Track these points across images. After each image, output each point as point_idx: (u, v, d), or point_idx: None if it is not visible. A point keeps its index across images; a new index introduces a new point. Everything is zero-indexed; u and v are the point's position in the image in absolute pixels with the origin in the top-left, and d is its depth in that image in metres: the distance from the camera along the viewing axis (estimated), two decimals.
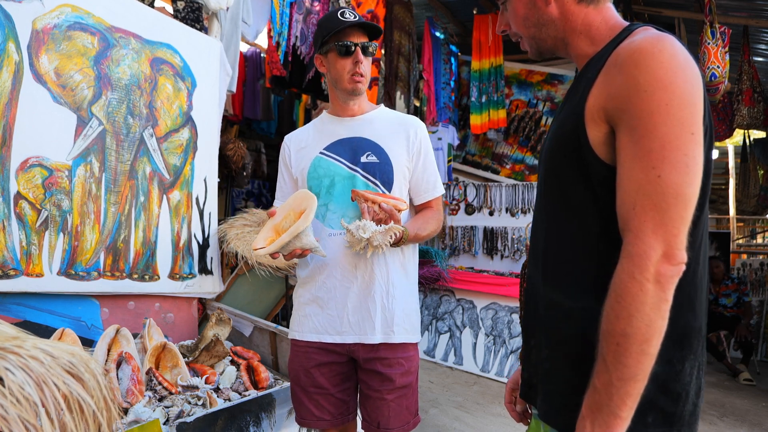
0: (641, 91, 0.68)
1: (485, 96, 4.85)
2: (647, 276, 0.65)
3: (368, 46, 1.35)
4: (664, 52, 0.68)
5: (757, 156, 5.95)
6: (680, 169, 0.66)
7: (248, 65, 4.57)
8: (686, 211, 0.66)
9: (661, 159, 0.66)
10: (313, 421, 1.37)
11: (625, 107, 0.69)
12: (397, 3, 4.19)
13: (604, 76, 0.73)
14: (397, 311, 1.33)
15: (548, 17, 0.84)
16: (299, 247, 1.23)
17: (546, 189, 0.86)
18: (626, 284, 0.66)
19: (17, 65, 1.63)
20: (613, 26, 0.81)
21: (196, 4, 2.43)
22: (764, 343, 5.06)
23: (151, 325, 1.84)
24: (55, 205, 1.72)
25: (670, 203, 0.66)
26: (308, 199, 1.26)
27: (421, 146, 1.42)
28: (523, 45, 0.93)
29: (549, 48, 0.89)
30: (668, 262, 0.65)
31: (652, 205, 0.66)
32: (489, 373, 3.86)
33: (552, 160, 0.83)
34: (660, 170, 0.66)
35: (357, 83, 1.36)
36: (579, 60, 0.86)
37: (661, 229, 0.65)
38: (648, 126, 0.67)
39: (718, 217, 10.31)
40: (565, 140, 0.79)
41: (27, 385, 0.61)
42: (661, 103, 0.66)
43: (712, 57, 3.53)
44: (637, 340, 0.65)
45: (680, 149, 0.66)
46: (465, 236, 4.78)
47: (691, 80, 0.68)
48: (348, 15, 1.33)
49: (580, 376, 0.75)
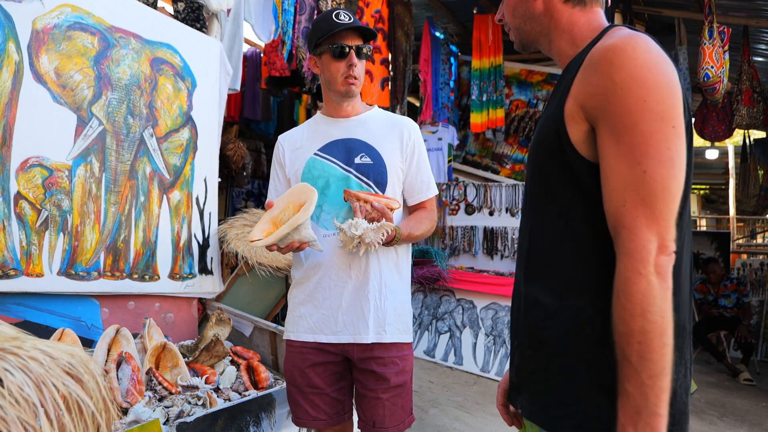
0: (618, 88, 0.68)
1: (485, 95, 4.85)
2: (650, 270, 0.66)
3: (362, 48, 1.34)
4: (638, 49, 0.69)
5: (757, 156, 5.94)
6: (665, 162, 0.67)
7: (248, 65, 4.57)
8: (674, 203, 0.68)
9: (645, 154, 0.67)
10: (309, 420, 1.38)
11: (603, 105, 0.70)
12: (398, 2, 4.19)
13: (581, 76, 0.74)
14: (389, 311, 1.34)
15: (533, 11, 0.87)
16: (297, 239, 1.22)
17: (532, 189, 0.87)
18: (633, 281, 0.66)
19: (17, 65, 1.63)
20: (595, 28, 0.83)
21: (196, 3, 2.43)
22: (764, 343, 5.06)
23: (151, 325, 1.84)
24: (55, 205, 1.72)
25: (659, 197, 0.67)
26: (308, 191, 1.25)
27: (415, 147, 1.42)
28: (511, 35, 0.96)
29: (532, 41, 0.91)
30: (664, 254, 0.66)
31: (642, 201, 0.67)
32: (489, 373, 3.86)
33: (536, 160, 0.84)
34: (645, 165, 0.67)
35: (351, 85, 1.36)
36: (561, 60, 0.87)
37: (654, 223, 0.67)
38: (627, 123, 0.68)
39: (718, 217, 10.31)
40: (547, 141, 0.79)
41: (26, 386, 0.61)
42: (638, 100, 0.67)
43: (707, 57, 3.53)
44: (657, 334, 0.65)
45: (662, 143, 0.67)
46: (465, 236, 4.78)
47: (667, 75, 0.69)
48: (342, 16, 1.32)
49: (564, 374, 0.76)
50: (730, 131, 4.89)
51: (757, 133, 5.93)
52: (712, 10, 3.58)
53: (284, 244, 1.23)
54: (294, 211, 1.26)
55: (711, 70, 3.51)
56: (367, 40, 1.38)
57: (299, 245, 1.25)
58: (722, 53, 3.54)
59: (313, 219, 1.38)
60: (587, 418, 0.74)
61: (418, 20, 4.94)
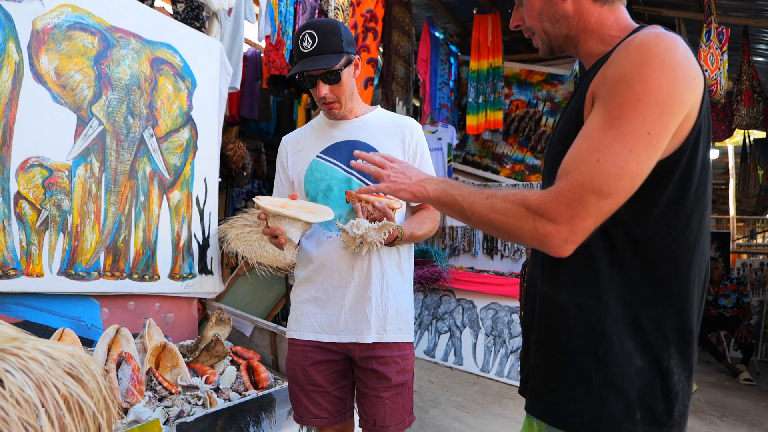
0: (624, 79, 0.69)
1: (482, 97, 4.84)
2: (533, 226, 0.72)
3: (330, 74, 1.31)
4: (660, 47, 0.69)
5: (757, 156, 5.95)
6: (618, 164, 0.67)
7: (248, 65, 4.57)
8: (605, 206, 0.69)
9: (607, 147, 0.68)
10: (311, 418, 1.38)
11: (608, 89, 0.71)
12: (397, 3, 4.19)
13: (601, 70, 0.75)
14: (390, 311, 1.35)
15: (563, 13, 0.85)
16: (284, 230, 1.22)
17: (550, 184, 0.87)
18: (518, 213, 0.74)
19: (17, 65, 1.63)
20: (625, 27, 0.82)
21: (196, 3, 2.43)
22: (764, 343, 5.07)
23: (151, 325, 1.84)
24: (55, 205, 1.72)
25: (593, 192, 0.68)
26: (326, 211, 1.28)
27: (417, 148, 1.42)
28: (535, 41, 0.94)
29: (560, 45, 0.90)
30: (561, 240, 0.70)
31: (579, 185, 0.69)
32: (489, 373, 3.86)
33: (555, 157, 0.84)
34: (600, 156, 0.68)
35: (330, 110, 1.38)
36: (588, 59, 0.86)
37: (574, 210, 0.69)
38: (614, 113, 0.69)
39: (718, 217, 10.31)
40: (567, 137, 0.79)
41: (27, 387, 0.61)
42: (634, 97, 0.68)
43: (701, 60, 3.54)
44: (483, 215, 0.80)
45: (627, 144, 0.67)
46: (465, 236, 4.79)
47: (680, 80, 0.68)
48: (306, 43, 1.29)
49: (574, 371, 0.76)
50: (730, 131, 4.90)
51: (757, 133, 5.93)
52: (712, 10, 3.58)
53: (273, 224, 1.23)
54: (306, 212, 1.28)
55: (705, 73, 3.52)
56: (334, 63, 1.30)
57: (278, 237, 1.24)
58: (719, 55, 3.55)
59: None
60: (597, 415, 0.74)
61: (417, 20, 4.94)
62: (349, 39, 1.36)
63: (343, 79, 1.33)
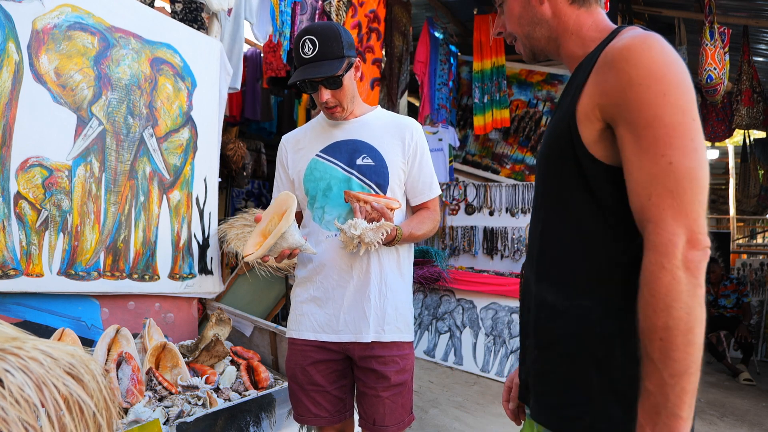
0: (635, 85, 0.68)
1: (488, 96, 4.85)
2: (677, 264, 0.63)
3: (332, 80, 1.31)
4: (654, 47, 0.69)
5: (757, 156, 5.95)
6: (690, 153, 0.65)
7: (248, 65, 4.57)
8: (702, 195, 0.66)
9: (669, 145, 0.66)
10: (311, 418, 1.38)
11: (621, 102, 0.70)
12: (397, 3, 4.19)
13: (596, 76, 0.74)
14: (388, 310, 1.35)
15: (541, 16, 0.86)
16: (286, 247, 1.24)
17: (542, 189, 0.87)
18: (658, 276, 0.64)
19: (17, 65, 1.63)
20: (603, 29, 0.83)
21: (195, 4, 2.43)
22: (764, 343, 5.07)
23: (151, 325, 1.84)
24: (55, 205, 1.72)
25: (686, 188, 0.65)
26: (288, 199, 1.27)
27: (417, 148, 1.42)
28: (517, 46, 0.95)
29: (542, 48, 0.91)
30: (694, 248, 0.64)
31: (669, 193, 0.65)
32: (489, 373, 3.86)
33: (548, 161, 0.84)
34: (670, 157, 0.65)
35: (333, 114, 1.38)
36: (570, 62, 0.87)
37: (681, 215, 0.64)
38: (648, 117, 0.67)
39: (718, 217, 10.31)
40: (559, 141, 0.79)
41: (27, 387, 0.61)
42: (658, 94, 0.67)
43: (709, 59, 3.53)
44: (681, 331, 0.62)
45: (686, 134, 0.66)
46: (465, 236, 4.79)
47: (683, 73, 0.69)
48: (307, 49, 1.29)
49: (571, 375, 0.76)
50: (730, 131, 4.90)
51: (757, 133, 5.94)
52: (712, 10, 3.58)
53: (275, 253, 1.25)
54: (278, 220, 1.28)
55: (714, 72, 3.50)
56: (336, 69, 1.30)
57: (291, 252, 1.26)
58: (723, 54, 3.54)
59: (315, 221, 1.40)
60: (598, 419, 0.73)
61: (417, 20, 4.94)
62: (349, 42, 1.35)
63: (344, 84, 1.34)
